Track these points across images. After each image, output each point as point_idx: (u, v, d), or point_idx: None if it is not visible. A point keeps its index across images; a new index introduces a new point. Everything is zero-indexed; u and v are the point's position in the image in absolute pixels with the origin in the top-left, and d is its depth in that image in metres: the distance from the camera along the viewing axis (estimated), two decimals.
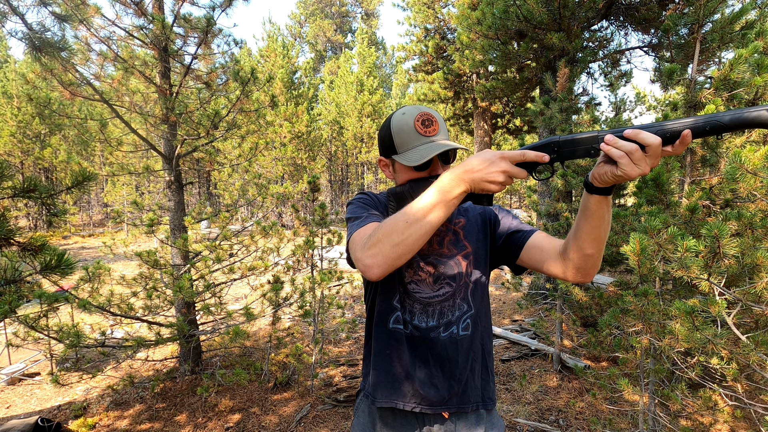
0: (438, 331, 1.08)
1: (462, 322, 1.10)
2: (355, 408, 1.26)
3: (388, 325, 1.11)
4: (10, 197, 2.01)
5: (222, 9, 3.82)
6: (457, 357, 1.08)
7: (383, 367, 1.12)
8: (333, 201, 24.19)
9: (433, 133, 1.03)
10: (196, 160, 7.30)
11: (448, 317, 1.09)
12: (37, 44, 2.68)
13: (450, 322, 1.09)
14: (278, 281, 3.77)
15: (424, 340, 1.09)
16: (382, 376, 1.12)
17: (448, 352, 1.08)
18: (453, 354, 1.08)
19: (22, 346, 2.83)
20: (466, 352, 1.10)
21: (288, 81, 17.54)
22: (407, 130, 1.03)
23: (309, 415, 3.36)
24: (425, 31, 11.16)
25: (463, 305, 1.11)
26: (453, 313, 1.10)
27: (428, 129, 1.02)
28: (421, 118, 1.02)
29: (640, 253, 1.63)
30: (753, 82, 2.42)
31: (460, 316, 1.10)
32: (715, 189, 2.49)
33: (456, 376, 1.09)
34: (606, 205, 0.86)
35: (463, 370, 1.09)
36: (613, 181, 0.80)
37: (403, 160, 1.03)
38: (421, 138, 1.03)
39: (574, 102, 4.31)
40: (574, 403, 3.20)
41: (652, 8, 5.09)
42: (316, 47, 37.04)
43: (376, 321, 1.14)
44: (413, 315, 1.10)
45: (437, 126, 1.03)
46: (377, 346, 1.14)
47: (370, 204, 1.12)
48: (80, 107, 16.92)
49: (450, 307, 1.10)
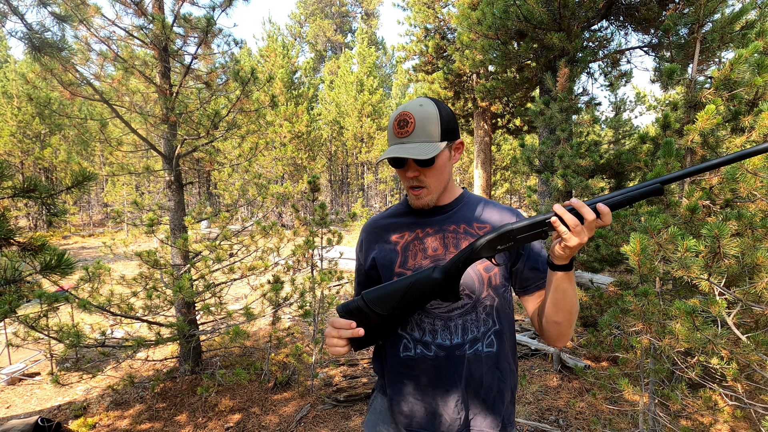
0: (463, 348, 1.04)
1: (486, 339, 1.05)
2: (370, 402, 1.24)
3: (400, 354, 1.09)
4: (10, 197, 2.01)
5: (222, 9, 3.82)
6: (482, 376, 1.04)
7: (403, 393, 1.09)
8: (333, 201, 24.19)
9: (404, 135, 1.00)
10: (196, 160, 7.30)
11: (473, 333, 1.04)
12: (37, 44, 2.68)
13: (475, 338, 1.04)
14: (278, 281, 3.77)
15: (449, 359, 1.04)
16: (402, 399, 1.09)
17: (473, 372, 1.04)
18: (478, 373, 1.04)
19: (22, 346, 2.83)
20: (492, 371, 1.06)
21: (288, 81, 17.54)
22: (390, 128, 1.04)
23: (309, 415, 3.36)
24: (425, 31, 11.16)
25: (488, 321, 1.06)
26: (478, 328, 1.05)
27: (401, 130, 1.00)
28: (398, 119, 1.01)
29: (641, 253, 1.63)
30: (753, 82, 2.42)
31: (485, 332, 1.05)
32: (716, 189, 2.49)
33: (481, 396, 1.05)
34: (567, 279, 0.93)
35: (489, 390, 1.05)
36: (562, 255, 0.88)
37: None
38: (394, 138, 1.02)
39: (574, 102, 4.31)
40: (574, 403, 3.20)
41: (652, 8, 5.09)
42: (316, 47, 37.04)
43: (389, 350, 1.12)
44: (435, 334, 1.05)
45: (411, 127, 0.99)
46: (391, 373, 1.11)
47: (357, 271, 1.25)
48: (80, 107, 16.92)
49: (473, 321, 1.05)
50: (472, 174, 18.95)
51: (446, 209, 1.13)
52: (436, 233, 1.10)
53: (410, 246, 1.10)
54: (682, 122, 2.86)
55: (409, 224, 1.14)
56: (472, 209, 1.14)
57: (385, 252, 1.13)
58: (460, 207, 1.14)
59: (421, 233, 1.11)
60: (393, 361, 1.10)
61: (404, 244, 1.11)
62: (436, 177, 1.05)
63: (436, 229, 1.10)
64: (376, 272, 1.15)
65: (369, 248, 1.17)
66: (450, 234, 1.09)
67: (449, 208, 1.14)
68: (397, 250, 1.11)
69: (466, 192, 1.19)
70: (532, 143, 4.94)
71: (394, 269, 1.09)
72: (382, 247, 1.14)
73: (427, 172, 1.04)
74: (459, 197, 1.16)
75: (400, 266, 1.09)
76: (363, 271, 1.20)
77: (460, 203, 1.15)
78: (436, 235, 1.10)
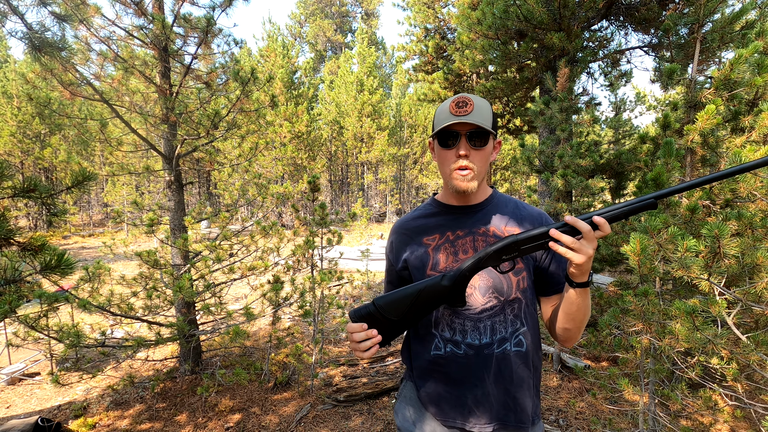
0: (492, 348, 1.07)
1: (514, 338, 1.09)
2: (399, 391, 1.27)
3: (430, 352, 1.13)
4: (10, 197, 2.01)
5: (222, 9, 3.82)
6: (511, 374, 1.08)
7: (433, 387, 1.13)
8: (333, 201, 24.18)
9: (464, 113, 1.01)
10: (196, 160, 7.30)
11: (501, 333, 1.08)
12: (37, 44, 2.67)
13: (503, 338, 1.08)
14: (278, 281, 3.77)
15: (478, 358, 1.07)
16: (434, 393, 1.13)
17: (501, 369, 1.07)
18: (507, 371, 1.08)
19: (22, 346, 2.83)
20: (520, 369, 1.09)
21: (288, 81, 17.53)
22: (445, 110, 1.05)
23: (309, 415, 3.36)
24: (425, 31, 11.15)
25: (516, 322, 1.10)
26: (506, 329, 1.09)
27: (460, 109, 1.02)
28: (458, 100, 1.04)
29: (641, 252, 1.63)
30: (753, 82, 2.42)
31: (513, 332, 1.09)
32: (715, 189, 2.49)
33: (511, 393, 1.08)
34: (582, 295, 0.97)
35: (518, 387, 1.08)
36: (576, 273, 0.93)
37: (432, 133, 1.09)
38: (451, 117, 1.03)
39: (574, 102, 4.31)
40: (574, 402, 3.20)
41: (652, 8, 5.09)
42: (316, 47, 37.03)
43: (420, 348, 1.16)
44: (465, 334, 1.09)
45: (471, 107, 1.02)
46: (421, 370, 1.16)
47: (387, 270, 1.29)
48: (80, 107, 16.91)
49: (501, 322, 1.09)
50: None
51: (476, 209, 1.16)
52: (466, 236, 1.12)
53: (441, 248, 1.12)
54: (682, 122, 2.87)
55: (439, 225, 1.16)
56: (502, 210, 1.16)
57: (416, 254, 1.15)
58: (490, 207, 1.16)
59: (451, 236, 1.13)
60: (423, 358, 1.14)
61: (435, 246, 1.13)
62: (482, 161, 1.07)
63: (467, 232, 1.12)
64: (407, 273, 1.18)
65: (400, 250, 1.20)
66: (480, 237, 1.11)
67: (479, 207, 1.16)
68: (429, 252, 1.13)
69: (495, 192, 1.21)
70: (532, 143, 4.94)
71: (426, 271, 1.12)
72: (414, 249, 1.16)
73: (476, 154, 1.05)
74: (489, 197, 1.18)
75: (432, 268, 1.11)
76: (394, 272, 1.23)
77: (490, 203, 1.17)
78: (467, 237, 1.12)
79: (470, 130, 1.03)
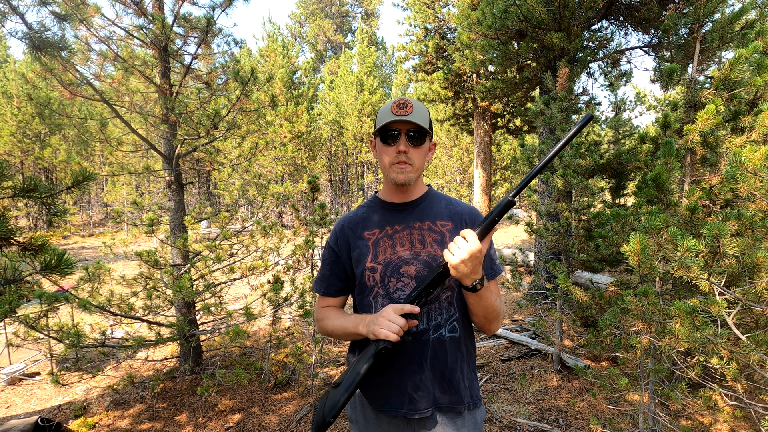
0: (428, 333, 1.15)
1: (449, 324, 1.17)
2: None
3: None
4: (10, 197, 2.01)
5: (222, 9, 3.82)
6: (446, 358, 1.15)
7: (377, 379, 1.17)
8: (333, 201, 24.18)
9: (405, 113, 1.11)
10: (196, 160, 7.31)
11: (437, 320, 1.16)
12: (37, 44, 2.68)
13: (438, 324, 1.16)
14: (278, 281, 3.77)
15: (416, 344, 1.14)
16: (373, 384, 1.18)
17: (437, 354, 1.15)
18: (442, 355, 1.15)
19: (22, 346, 2.83)
20: (455, 353, 1.17)
21: (288, 81, 17.53)
22: (387, 110, 1.15)
23: (309, 415, 3.36)
24: (425, 30, 11.15)
25: (450, 308, 1.18)
26: (441, 315, 1.17)
27: (401, 110, 1.12)
28: (399, 102, 1.13)
29: (640, 252, 1.63)
30: (753, 81, 2.42)
31: (447, 319, 1.17)
32: (715, 189, 2.49)
33: (446, 377, 1.16)
34: (471, 297, 1.10)
35: (453, 371, 1.16)
36: (457, 276, 1.03)
37: (374, 131, 1.19)
38: (393, 116, 1.12)
39: (574, 102, 4.31)
40: (574, 402, 3.20)
41: (652, 8, 5.09)
42: (316, 47, 37.03)
43: (362, 345, 1.20)
44: None
45: (411, 109, 1.12)
46: None
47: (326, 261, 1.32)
48: (80, 107, 16.90)
49: (437, 309, 1.17)
50: (472, 174, 18.94)
51: (413, 205, 1.24)
52: (404, 230, 1.21)
53: (380, 242, 1.21)
54: (682, 122, 2.86)
55: (379, 221, 1.25)
56: (437, 206, 1.26)
57: (358, 247, 1.23)
58: (425, 203, 1.26)
59: (390, 230, 1.22)
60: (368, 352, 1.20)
61: (375, 239, 1.22)
62: (420, 157, 1.17)
63: (404, 226, 1.22)
64: (350, 264, 1.25)
65: (345, 243, 1.27)
66: (416, 231, 1.21)
67: (415, 204, 1.25)
68: (369, 245, 1.21)
69: (431, 189, 1.32)
70: (532, 143, 4.93)
71: (366, 263, 1.20)
72: (356, 242, 1.24)
73: (414, 151, 1.15)
74: (425, 194, 1.28)
75: (372, 261, 1.19)
76: (340, 263, 1.29)
77: (425, 200, 1.27)
78: (404, 231, 1.21)
79: (409, 129, 1.13)
